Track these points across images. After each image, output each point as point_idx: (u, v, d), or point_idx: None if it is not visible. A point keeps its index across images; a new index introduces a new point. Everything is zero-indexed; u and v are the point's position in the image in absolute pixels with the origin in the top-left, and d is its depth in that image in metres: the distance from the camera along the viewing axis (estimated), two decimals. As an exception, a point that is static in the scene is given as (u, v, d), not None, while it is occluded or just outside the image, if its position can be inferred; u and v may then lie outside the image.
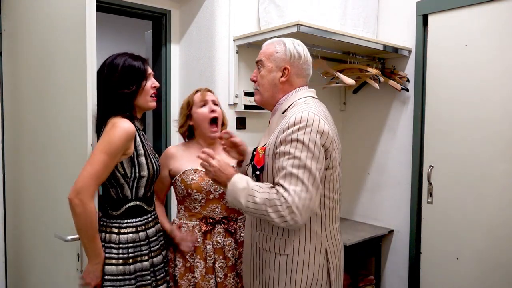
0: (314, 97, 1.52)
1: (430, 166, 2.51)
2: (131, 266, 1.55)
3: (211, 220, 1.78)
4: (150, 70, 1.63)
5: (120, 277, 1.53)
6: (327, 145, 1.35)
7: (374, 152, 2.89)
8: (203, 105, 1.84)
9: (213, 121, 1.83)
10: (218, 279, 1.77)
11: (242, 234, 1.82)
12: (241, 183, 1.39)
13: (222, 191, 1.76)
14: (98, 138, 1.52)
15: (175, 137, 2.67)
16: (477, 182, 2.31)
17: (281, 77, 1.48)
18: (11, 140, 2.05)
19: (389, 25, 2.73)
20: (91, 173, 1.42)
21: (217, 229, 1.78)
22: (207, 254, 1.77)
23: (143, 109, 1.64)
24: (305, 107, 1.39)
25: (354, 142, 3.01)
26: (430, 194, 2.52)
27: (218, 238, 1.78)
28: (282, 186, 1.31)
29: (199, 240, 1.77)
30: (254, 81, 1.55)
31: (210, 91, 1.90)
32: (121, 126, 1.48)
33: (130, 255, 1.55)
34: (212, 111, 1.82)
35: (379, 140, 2.86)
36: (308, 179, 1.29)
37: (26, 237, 1.96)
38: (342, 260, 1.53)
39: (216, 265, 1.78)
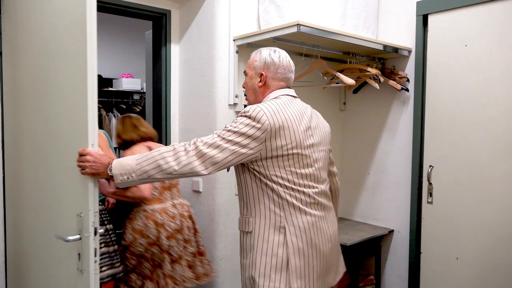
0: (289, 95, 1.65)
1: (430, 166, 2.51)
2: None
3: None
4: None
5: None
6: (258, 134, 1.48)
7: (374, 152, 2.89)
8: None
9: None
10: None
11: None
12: (128, 156, 1.53)
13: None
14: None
15: (175, 137, 2.68)
16: (477, 182, 2.31)
17: (259, 82, 1.67)
18: (11, 140, 2.05)
19: (389, 25, 2.73)
20: None
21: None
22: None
23: None
24: (263, 104, 1.56)
25: (354, 142, 3.02)
26: (430, 194, 2.52)
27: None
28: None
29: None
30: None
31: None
32: None
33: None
34: None
35: (379, 140, 2.86)
36: (220, 138, 1.48)
37: (27, 238, 1.95)
38: (309, 244, 1.56)
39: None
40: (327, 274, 1.65)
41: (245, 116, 1.51)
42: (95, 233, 1.51)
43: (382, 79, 2.56)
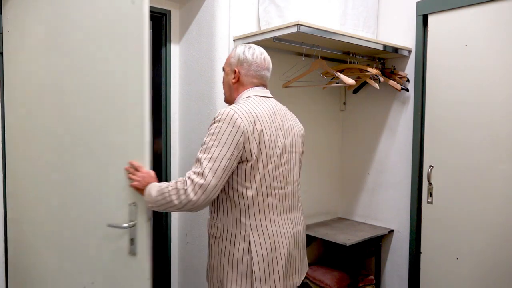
0: (261, 96, 1.66)
1: (430, 166, 2.51)
2: None
3: None
4: None
5: None
6: (237, 138, 1.49)
7: (374, 152, 2.89)
8: None
9: None
10: None
11: None
12: (157, 184, 1.58)
13: None
14: None
15: (175, 137, 2.68)
16: (477, 182, 2.31)
17: (233, 78, 1.68)
18: (14, 140, 2.04)
19: (389, 25, 2.73)
20: None
21: None
22: None
23: None
24: (234, 106, 1.56)
25: (354, 142, 3.02)
26: (430, 194, 2.52)
27: None
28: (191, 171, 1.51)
29: None
30: None
31: None
32: None
33: None
34: None
35: (379, 140, 2.86)
36: (207, 161, 1.47)
37: (33, 238, 1.96)
38: (273, 251, 1.59)
39: None
40: (290, 275, 1.67)
41: (220, 121, 1.51)
42: (148, 219, 1.69)
43: (382, 79, 2.56)
